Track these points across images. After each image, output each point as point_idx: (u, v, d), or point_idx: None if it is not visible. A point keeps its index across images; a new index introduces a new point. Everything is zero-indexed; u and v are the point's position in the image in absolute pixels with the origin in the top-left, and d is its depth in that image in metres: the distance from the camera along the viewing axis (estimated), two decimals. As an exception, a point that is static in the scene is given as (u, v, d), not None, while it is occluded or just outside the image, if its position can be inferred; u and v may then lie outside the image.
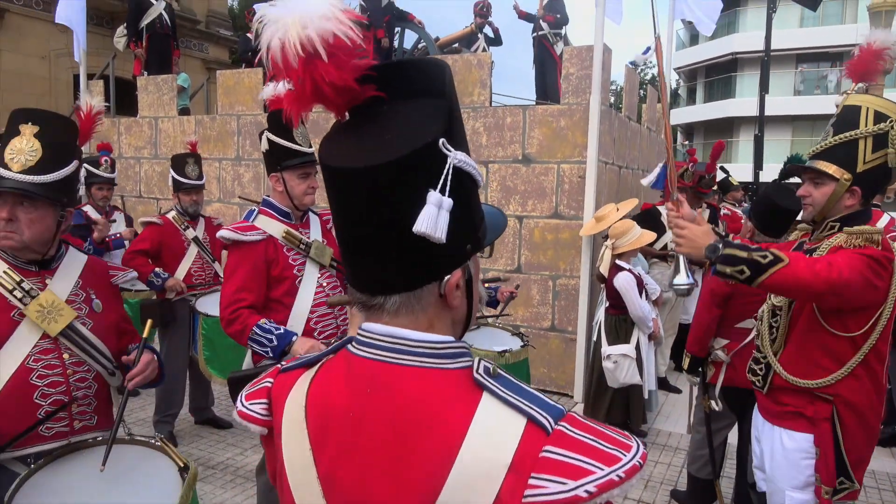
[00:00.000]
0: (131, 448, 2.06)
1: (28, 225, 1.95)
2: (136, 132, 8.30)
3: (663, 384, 6.05)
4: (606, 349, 4.72)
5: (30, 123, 1.97)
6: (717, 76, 30.26)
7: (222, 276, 3.58)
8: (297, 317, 2.76)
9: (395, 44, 8.43)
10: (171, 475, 1.93)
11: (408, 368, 0.86)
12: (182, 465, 1.95)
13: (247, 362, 2.88)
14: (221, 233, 2.73)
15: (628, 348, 4.66)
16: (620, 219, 4.91)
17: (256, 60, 7.85)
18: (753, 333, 2.85)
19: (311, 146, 2.82)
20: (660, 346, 5.57)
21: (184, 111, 8.69)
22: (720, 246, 2.10)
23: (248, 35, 9.27)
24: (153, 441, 2.07)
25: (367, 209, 0.85)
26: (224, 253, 4.73)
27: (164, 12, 8.88)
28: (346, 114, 0.90)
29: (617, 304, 4.73)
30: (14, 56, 12.45)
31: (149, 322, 2.06)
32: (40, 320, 1.96)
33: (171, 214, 4.73)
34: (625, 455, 0.79)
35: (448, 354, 0.88)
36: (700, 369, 3.47)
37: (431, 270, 0.88)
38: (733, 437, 3.67)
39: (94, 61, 10.77)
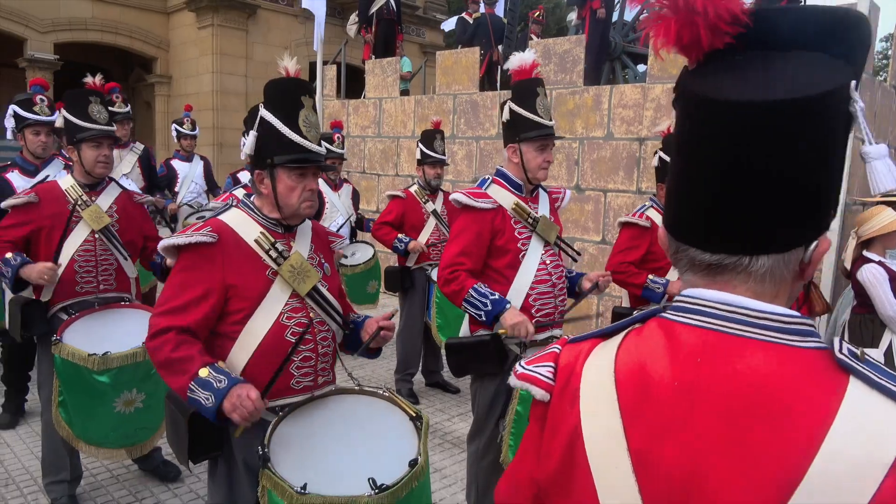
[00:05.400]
0: (362, 398, 2.14)
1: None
2: (363, 112, 8.93)
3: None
4: (849, 353, 4.12)
5: (307, 96, 2.03)
6: None
7: None
8: (517, 291, 2.73)
9: (615, 15, 8.09)
10: (405, 425, 2.00)
11: (750, 341, 0.76)
12: (414, 415, 2.00)
13: (463, 330, 2.93)
14: (454, 196, 2.78)
15: (875, 353, 4.01)
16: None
17: None
18: None
19: (551, 119, 2.77)
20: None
21: (403, 93, 9.17)
22: None
23: (465, 17, 9.50)
24: (381, 392, 2.12)
25: (762, 150, 0.74)
26: None
27: (390, -1, 9.44)
28: (698, 62, 0.80)
29: (864, 301, 4.09)
30: (263, 47, 14.09)
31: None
32: (292, 280, 2.04)
33: (414, 188, 5.01)
34: None
35: (800, 331, 0.76)
36: None
37: (809, 230, 0.77)
38: None
39: (328, 49, 11.79)
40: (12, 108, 4.05)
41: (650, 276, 3.32)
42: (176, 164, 7.11)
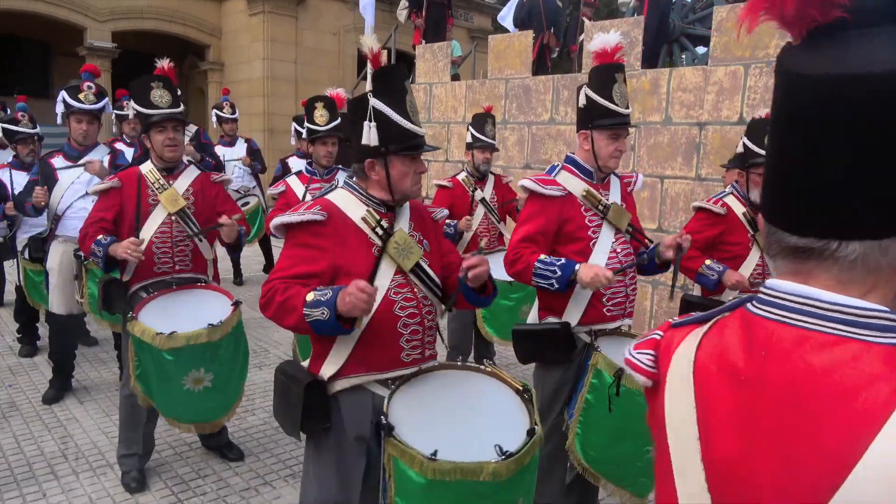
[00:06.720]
0: (467, 373, 2.20)
1: None
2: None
3: None
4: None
5: (408, 80, 2.10)
6: None
7: (508, 237, 3.65)
8: None
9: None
10: (513, 398, 2.06)
11: (817, 334, 0.74)
12: (520, 388, 2.06)
13: (532, 317, 2.88)
14: (523, 182, 2.72)
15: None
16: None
17: None
18: None
19: (628, 108, 2.68)
20: None
21: (454, 78, 9.10)
22: None
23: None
24: (483, 367, 2.19)
25: (855, 127, 0.70)
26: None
27: (441, -18, 9.36)
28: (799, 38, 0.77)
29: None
30: (312, 34, 14.18)
31: None
32: (397, 256, 2.08)
33: (461, 176, 4.86)
34: None
35: (877, 326, 0.71)
36: None
37: None
38: None
39: (377, 35, 11.79)
40: (62, 94, 4.16)
41: (706, 262, 3.16)
42: (219, 149, 7.14)
